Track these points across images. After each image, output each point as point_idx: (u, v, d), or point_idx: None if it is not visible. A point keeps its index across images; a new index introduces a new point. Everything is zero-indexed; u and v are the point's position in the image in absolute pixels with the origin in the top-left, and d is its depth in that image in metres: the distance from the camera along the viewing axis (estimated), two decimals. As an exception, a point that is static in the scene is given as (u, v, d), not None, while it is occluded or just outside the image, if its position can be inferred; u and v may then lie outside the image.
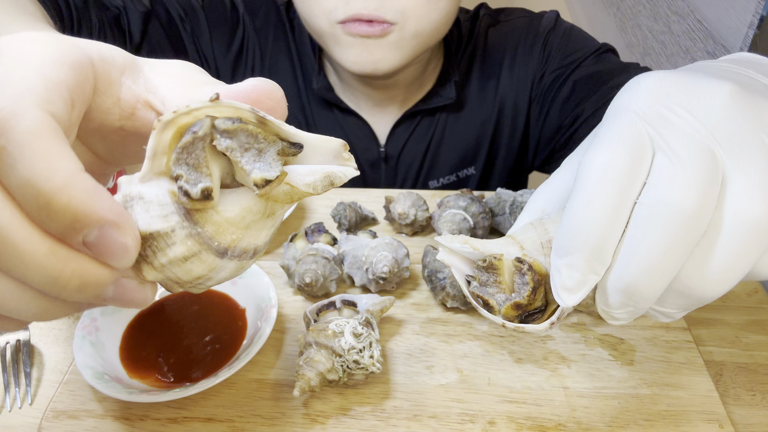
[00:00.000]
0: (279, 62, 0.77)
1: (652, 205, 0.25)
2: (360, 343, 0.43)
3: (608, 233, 0.26)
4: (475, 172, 0.82)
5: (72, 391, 0.46)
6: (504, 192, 0.61)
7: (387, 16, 0.62)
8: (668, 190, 0.25)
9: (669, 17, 0.95)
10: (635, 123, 0.27)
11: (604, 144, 0.26)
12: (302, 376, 0.42)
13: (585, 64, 0.73)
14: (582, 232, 0.26)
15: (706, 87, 0.27)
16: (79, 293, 0.23)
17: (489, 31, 0.79)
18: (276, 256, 0.59)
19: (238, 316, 0.50)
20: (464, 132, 0.79)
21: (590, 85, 0.71)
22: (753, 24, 0.71)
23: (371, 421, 0.43)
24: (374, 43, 0.64)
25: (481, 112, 0.79)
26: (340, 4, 0.63)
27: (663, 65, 0.97)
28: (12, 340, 0.51)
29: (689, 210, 0.25)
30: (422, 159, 0.80)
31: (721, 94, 0.26)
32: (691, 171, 0.25)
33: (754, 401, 0.46)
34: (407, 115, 0.77)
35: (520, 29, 0.78)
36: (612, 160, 0.26)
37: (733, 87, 0.27)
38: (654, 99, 0.27)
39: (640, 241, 0.26)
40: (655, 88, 0.27)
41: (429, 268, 0.53)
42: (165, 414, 0.44)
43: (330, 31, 0.65)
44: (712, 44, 0.81)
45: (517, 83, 0.78)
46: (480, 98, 0.78)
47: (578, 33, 0.77)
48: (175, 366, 0.46)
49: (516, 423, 0.43)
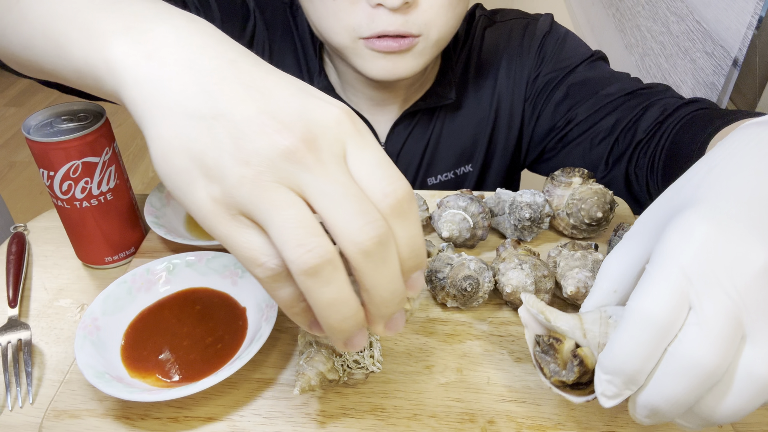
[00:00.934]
0: (285, 59, 0.77)
1: (678, 356, 0.31)
2: (360, 343, 0.43)
3: (641, 369, 0.32)
4: (472, 170, 0.83)
5: (73, 391, 0.46)
6: (503, 192, 0.61)
7: (413, 30, 0.62)
8: (693, 349, 0.30)
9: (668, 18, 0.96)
10: (679, 281, 0.31)
11: (648, 295, 0.31)
12: (302, 376, 0.42)
13: (579, 70, 0.75)
14: (620, 364, 0.32)
15: (745, 254, 0.31)
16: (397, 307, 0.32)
17: (486, 32, 0.80)
18: (276, 256, 0.60)
19: (239, 315, 0.50)
20: (461, 130, 0.80)
21: (584, 90, 0.74)
22: (752, 25, 0.71)
23: (371, 421, 0.44)
24: (400, 55, 0.64)
25: (478, 111, 0.80)
26: (365, 22, 0.62)
27: (662, 66, 0.98)
28: (13, 340, 0.51)
29: (708, 368, 0.30)
30: (421, 157, 0.80)
31: (758, 264, 0.30)
32: (714, 335, 0.30)
33: (752, 401, 0.46)
34: (407, 113, 0.77)
35: (518, 31, 0.79)
36: (652, 315, 0.31)
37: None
38: (700, 257, 0.31)
39: (666, 382, 0.31)
40: (703, 243, 0.31)
41: (429, 268, 0.53)
42: (166, 413, 0.44)
43: (352, 45, 0.64)
44: (711, 45, 0.81)
45: (512, 83, 0.79)
46: (477, 97, 0.79)
47: (573, 39, 0.79)
48: (176, 365, 0.46)
49: (515, 422, 0.43)
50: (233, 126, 0.29)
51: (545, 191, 0.61)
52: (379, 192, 0.30)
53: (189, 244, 0.57)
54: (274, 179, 0.28)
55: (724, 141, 0.37)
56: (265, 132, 0.29)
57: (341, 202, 0.29)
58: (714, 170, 0.35)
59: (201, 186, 0.30)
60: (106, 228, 0.58)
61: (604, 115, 0.71)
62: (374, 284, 0.30)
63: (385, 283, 0.30)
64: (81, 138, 0.52)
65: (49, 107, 0.56)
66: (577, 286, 0.49)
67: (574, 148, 0.75)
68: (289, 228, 0.28)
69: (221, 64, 0.31)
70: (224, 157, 0.29)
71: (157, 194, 0.64)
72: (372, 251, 0.29)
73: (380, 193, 0.30)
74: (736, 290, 0.30)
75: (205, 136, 0.29)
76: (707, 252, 0.31)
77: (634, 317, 0.32)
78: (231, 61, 0.32)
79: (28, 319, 0.55)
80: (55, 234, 0.65)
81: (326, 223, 0.29)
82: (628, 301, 0.33)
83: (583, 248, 0.53)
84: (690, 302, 0.31)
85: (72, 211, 0.56)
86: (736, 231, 0.31)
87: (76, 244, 0.60)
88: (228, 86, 0.30)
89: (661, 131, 0.65)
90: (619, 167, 0.70)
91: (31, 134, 0.52)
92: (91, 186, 0.55)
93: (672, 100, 0.67)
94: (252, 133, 0.29)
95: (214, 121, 0.29)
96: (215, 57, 0.32)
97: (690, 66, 0.88)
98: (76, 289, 0.58)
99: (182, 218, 0.64)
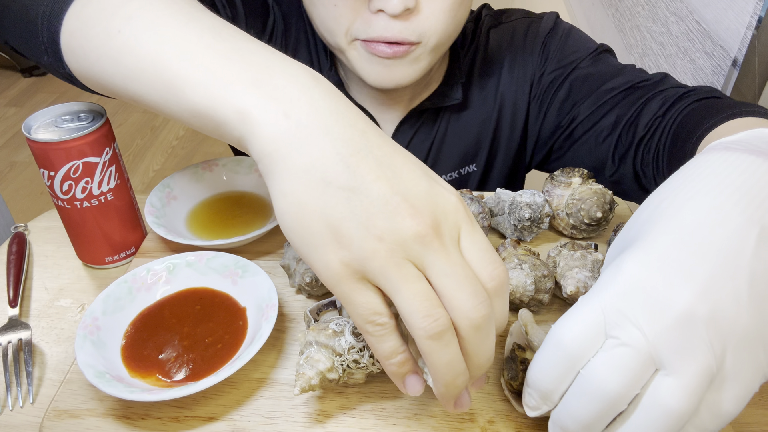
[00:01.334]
0: (300, 52, 0.77)
1: (585, 380, 0.33)
2: (360, 343, 0.43)
3: (553, 388, 0.35)
4: (476, 170, 0.83)
5: (73, 390, 0.46)
6: (503, 192, 0.61)
7: (411, 38, 0.62)
8: (598, 375, 0.32)
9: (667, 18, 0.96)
10: (595, 315, 0.33)
11: (565, 324, 0.34)
12: (302, 375, 0.42)
13: (582, 66, 0.74)
14: (535, 380, 0.36)
15: (669, 297, 0.32)
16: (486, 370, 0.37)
17: (490, 32, 0.80)
18: (277, 256, 0.60)
19: (239, 315, 0.50)
20: (466, 130, 0.80)
21: (586, 87, 0.73)
22: (751, 25, 0.71)
23: (371, 420, 0.44)
24: (395, 62, 0.64)
25: (482, 111, 0.80)
26: (362, 27, 0.62)
27: (662, 66, 0.98)
28: (14, 339, 0.51)
29: (611, 394, 0.32)
30: (426, 156, 0.80)
31: (679, 307, 0.32)
32: (621, 365, 0.32)
33: (752, 400, 0.46)
34: (413, 112, 0.77)
35: (521, 30, 0.79)
36: (563, 341, 0.34)
37: (690, 302, 0.31)
38: (621, 295, 0.33)
39: (574, 403, 0.34)
40: (628, 282, 0.33)
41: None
42: (166, 413, 0.44)
43: (349, 47, 0.65)
44: (710, 45, 0.81)
45: (516, 83, 0.79)
46: (481, 97, 0.79)
47: (577, 34, 0.78)
48: (176, 365, 0.46)
49: (515, 422, 0.43)
50: (369, 202, 0.33)
51: (545, 191, 0.62)
52: (486, 275, 0.35)
53: (189, 244, 0.57)
54: (404, 256, 0.33)
55: (684, 168, 0.39)
56: (399, 213, 0.33)
57: (461, 282, 0.33)
58: (662, 204, 0.36)
59: (332, 250, 0.33)
60: (107, 228, 0.58)
61: (605, 112, 0.71)
62: (477, 352, 0.35)
63: (485, 350, 0.35)
64: (81, 138, 0.52)
65: (50, 107, 0.56)
66: (576, 285, 0.49)
67: (581, 147, 0.75)
68: (418, 300, 0.33)
69: (354, 134, 0.35)
70: (360, 230, 0.33)
71: (157, 194, 0.64)
72: (482, 326, 0.34)
73: (487, 276, 0.35)
74: (653, 330, 0.31)
75: (343, 206, 0.33)
76: (630, 291, 0.33)
77: (550, 341, 0.35)
78: (362, 132, 0.35)
79: (28, 318, 0.55)
80: (55, 234, 0.65)
81: (444, 299, 0.34)
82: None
83: (583, 248, 0.53)
84: (606, 334, 0.33)
85: (72, 211, 0.56)
86: (665, 273, 0.33)
87: (77, 244, 0.60)
88: (363, 160, 0.34)
89: (662, 126, 0.64)
90: (625, 164, 0.70)
91: (31, 134, 0.53)
92: (92, 186, 0.55)
93: (671, 90, 0.66)
94: (388, 213, 0.33)
95: (351, 193, 0.33)
96: (348, 126, 0.35)
97: (689, 66, 0.88)
98: (76, 289, 0.58)
99: (182, 218, 0.64)
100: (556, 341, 0.34)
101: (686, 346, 0.31)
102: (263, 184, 0.67)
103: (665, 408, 0.31)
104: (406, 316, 0.33)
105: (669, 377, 0.31)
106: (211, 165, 0.68)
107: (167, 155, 2.55)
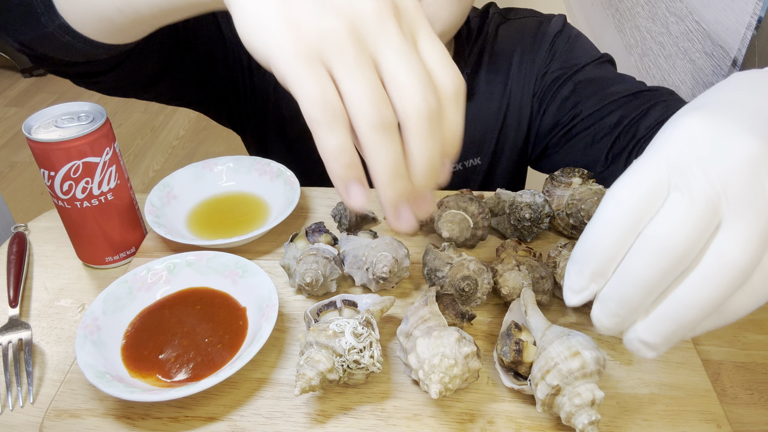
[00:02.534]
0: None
1: (649, 236, 0.30)
2: (360, 343, 0.43)
3: (613, 255, 0.32)
4: (480, 163, 0.84)
5: (73, 390, 0.46)
6: (503, 192, 0.61)
7: None
8: (664, 228, 0.30)
9: (667, 18, 0.96)
10: (658, 168, 0.31)
11: (626, 182, 0.31)
12: (303, 376, 0.42)
13: (586, 69, 0.77)
14: (591, 251, 0.32)
15: (731, 143, 0.31)
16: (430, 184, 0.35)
17: (500, 29, 0.82)
18: (277, 256, 0.60)
19: (239, 315, 0.50)
20: (471, 121, 0.81)
21: (590, 88, 0.75)
22: (751, 25, 0.71)
23: (371, 421, 0.44)
24: None
25: (489, 105, 0.81)
26: None
27: (661, 66, 0.98)
28: (14, 339, 0.51)
29: (677, 248, 0.30)
30: None
31: (746, 154, 0.30)
32: (688, 217, 0.30)
33: (752, 400, 0.46)
34: None
35: (530, 29, 0.81)
36: (627, 199, 0.31)
37: (757, 147, 0.30)
38: (686, 148, 0.31)
39: (636, 264, 0.31)
40: (689, 135, 0.31)
41: (428, 267, 0.53)
42: (166, 413, 0.44)
43: None
44: (710, 45, 0.81)
45: (523, 79, 0.80)
46: (488, 91, 0.81)
47: (583, 40, 0.81)
48: (176, 365, 0.46)
49: (515, 422, 0.43)
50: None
51: (545, 191, 0.62)
52: (443, 77, 0.33)
53: (189, 244, 0.57)
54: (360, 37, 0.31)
55: (722, 82, 0.38)
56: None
57: (412, 70, 0.32)
58: (713, 88, 0.36)
59: (287, 29, 0.32)
60: (107, 228, 0.58)
61: (608, 112, 0.72)
62: (418, 151, 0.33)
63: (427, 152, 0.33)
64: (82, 138, 0.52)
65: (50, 107, 0.56)
66: (576, 286, 0.49)
67: (576, 144, 0.76)
68: (370, 89, 0.31)
69: None
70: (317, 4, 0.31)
71: (158, 194, 0.64)
72: (427, 119, 0.32)
73: (445, 78, 0.33)
74: (719, 178, 0.30)
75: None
76: (694, 142, 0.31)
77: (608, 202, 0.32)
78: None
79: (28, 318, 0.55)
80: (55, 234, 0.65)
81: (392, 87, 0.32)
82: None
83: (583, 248, 0.53)
84: (671, 186, 0.31)
85: (72, 211, 0.56)
86: (727, 124, 0.31)
87: (77, 244, 0.60)
88: None
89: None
90: (618, 163, 0.71)
91: (31, 134, 0.53)
92: (92, 186, 0.55)
93: (676, 102, 0.69)
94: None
95: None
96: None
97: (689, 66, 0.88)
98: (76, 289, 0.58)
99: (182, 218, 0.64)
100: (616, 201, 0.31)
101: (752, 193, 0.30)
102: (263, 184, 0.67)
103: (727, 261, 0.29)
104: (352, 102, 0.32)
105: (731, 229, 0.30)
106: (211, 165, 0.68)
107: (167, 155, 2.55)
